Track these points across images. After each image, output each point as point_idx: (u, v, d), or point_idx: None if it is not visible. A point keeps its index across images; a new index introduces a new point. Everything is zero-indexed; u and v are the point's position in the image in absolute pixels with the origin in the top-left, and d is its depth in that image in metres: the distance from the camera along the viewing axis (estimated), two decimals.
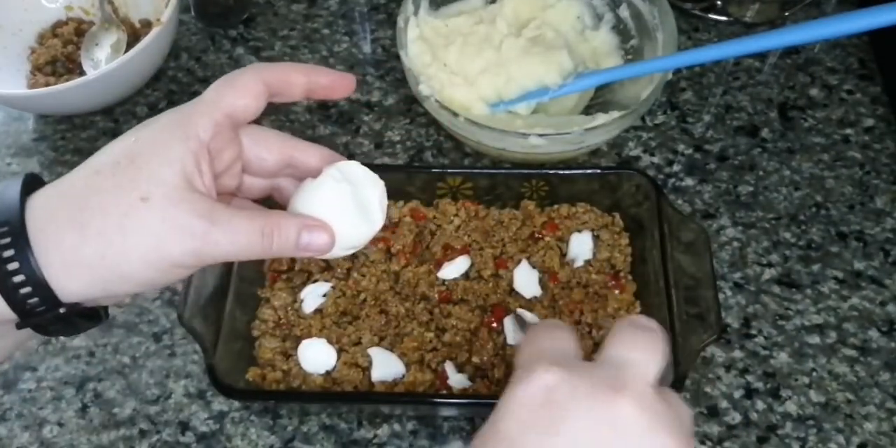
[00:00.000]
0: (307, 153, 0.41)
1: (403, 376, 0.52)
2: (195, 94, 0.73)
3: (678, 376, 0.47)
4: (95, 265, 0.34)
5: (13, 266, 0.33)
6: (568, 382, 0.33)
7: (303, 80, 0.39)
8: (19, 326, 0.35)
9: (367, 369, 0.52)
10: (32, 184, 0.36)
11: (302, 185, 0.40)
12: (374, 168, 0.41)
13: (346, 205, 0.39)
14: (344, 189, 0.39)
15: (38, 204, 0.35)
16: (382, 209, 0.40)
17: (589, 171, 0.58)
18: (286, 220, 0.37)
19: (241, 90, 0.37)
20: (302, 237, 0.37)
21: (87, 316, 0.37)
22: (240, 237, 0.35)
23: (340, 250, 0.40)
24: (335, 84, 0.40)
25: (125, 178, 0.34)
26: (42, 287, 0.34)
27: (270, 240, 0.36)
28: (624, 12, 0.69)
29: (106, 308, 0.39)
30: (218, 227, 0.35)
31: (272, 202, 0.43)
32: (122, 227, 0.34)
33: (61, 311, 0.35)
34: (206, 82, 0.74)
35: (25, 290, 0.33)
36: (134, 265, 0.34)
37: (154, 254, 0.34)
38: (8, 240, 0.33)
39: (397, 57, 0.65)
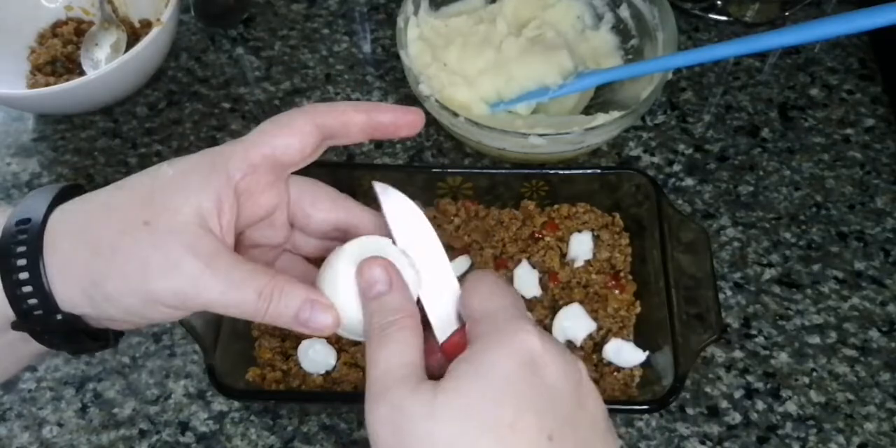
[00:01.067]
0: (361, 219, 0.38)
1: None
2: (195, 94, 0.73)
3: (678, 376, 0.47)
4: (82, 277, 0.33)
5: (23, 275, 0.33)
6: (543, 344, 0.32)
7: (362, 120, 0.35)
8: (14, 326, 0.34)
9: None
10: (70, 191, 0.36)
11: (332, 255, 0.36)
12: (374, 168, 0.40)
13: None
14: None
15: (60, 216, 0.34)
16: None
17: (589, 171, 0.58)
18: (292, 287, 0.33)
19: (287, 130, 0.34)
20: (303, 311, 0.34)
21: (94, 335, 0.36)
22: (233, 291, 0.32)
23: (348, 334, 0.36)
24: (399, 121, 0.36)
25: (139, 199, 0.33)
26: (42, 291, 0.33)
27: (266, 303, 0.33)
28: (624, 12, 0.69)
29: (116, 332, 0.37)
30: (212, 273, 0.32)
31: None
32: (114, 244, 0.32)
33: (58, 317, 0.34)
34: (205, 82, 0.74)
35: (27, 289, 0.33)
36: (116, 286, 0.32)
37: (136, 280, 0.32)
38: (24, 248, 0.33)
39: (397, 57, 0.65)
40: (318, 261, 0.37)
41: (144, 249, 0.32)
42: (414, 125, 0.36)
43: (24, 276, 0.33)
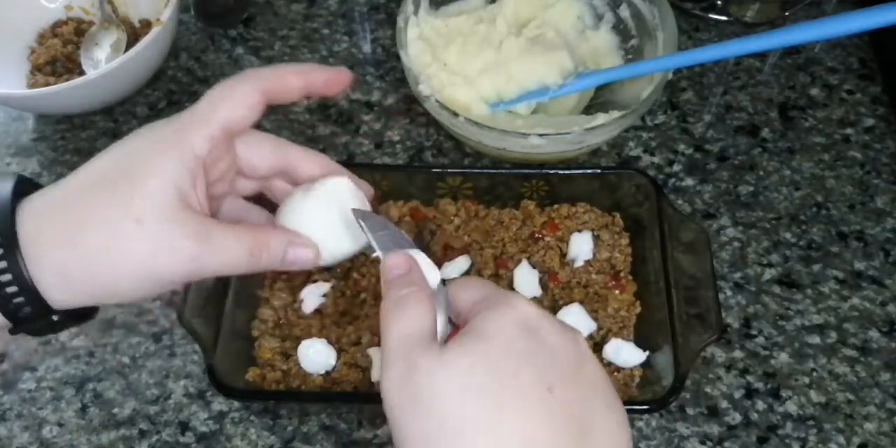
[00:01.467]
0: (304, 161, 0.41)
1: None
2: (195, 93, 0.73)
3: (678, 376, 0.47)
4: (85, 280, 0.34)
5: (5, 277, 0.33)
6: (539, 311, 0.35)
7: (299, 82, 0.39)
8: (13, 332, 0.35)
9: (367, 369, 0.52)
10: (24, 186, 0.36)
11: (290, 196, 0.41)
12: (374, 168, 0.41)
13: (331, 222, 0.40)
14: (329, 206, 0.40)
15: (30, 213, 0.34)
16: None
17: (589, 171, 0.58)
18: (274, 239, 0.38)
19: (237, 101, 0.37)
20: (288, 254, 0.39)
21: (78, 315, 0.37)
22: (230, 258, 0.36)
23: (327, 260, 0.41)
24: (331, 80, 0.40)
25: (119, 195, 0.34)
26: (34, 296, 0.34)
27: (259, 258, 0.37)
28: (624, 12, 0.69)
29: (96, 307, 0.39)
30: (208, 248, 0.35)
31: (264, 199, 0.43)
32: (113, 248, 0.34)
33: (54, 318, 0.35)
34: (205, 82, 0.74)
35: (18, 300, 0.33)
36: (122, 283, 0.35)
37: (143, 274, 0.35)
38: (0, 251, 0.33)
39: (397, 57, 0.65)
40: (251, 198, 0.43)
41: (145, 248, 0.34)
42: (344, 82, 0.40)
43: (12, 289, 0.33)
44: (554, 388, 0.32)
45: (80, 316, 0.37)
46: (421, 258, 0.39)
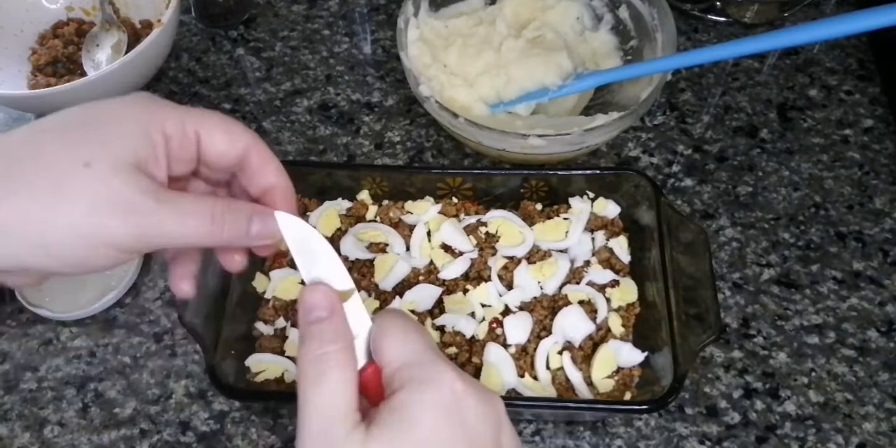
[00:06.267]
0: (264, 168, 0.37)
1: None
2: (195, 94, 0.74)
3: (677, 376, 0.47)
4: (15, 230, 0.30)
5: None
6: (464, 386, 0.34)
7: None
8: None
9: None
10: None
11: None
12: (374, 168, 0.40)
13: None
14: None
15: None
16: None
17: (588, 171, 0.58)
18: (237, 202, 0.35)
19: (226, 137, 0.35)
20: (253, 225, 0.35)
21: None
22: (188, 219, 0.32)
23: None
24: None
25: (72, 137, 0.31)
26: None
27: (221, 224, 0.33)
28: (623, 13, 0.69)
29: (9, 291, 0.36)
30: (164, 206, 0.31)
31: None
32: (55, 189, 0.30)
33: None
34: (206, 83, 0.74)
35: None
36: (60, 234, 0.30)
37: (86, 225, 0.30)
38: None
39: (397, 58, 0.65)
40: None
41: (92, 192, 0.30)
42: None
43: None
44: None
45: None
46: (351, 297, 0.36)
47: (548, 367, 0.52)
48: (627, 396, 0.51)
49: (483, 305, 0.55)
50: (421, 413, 0.32)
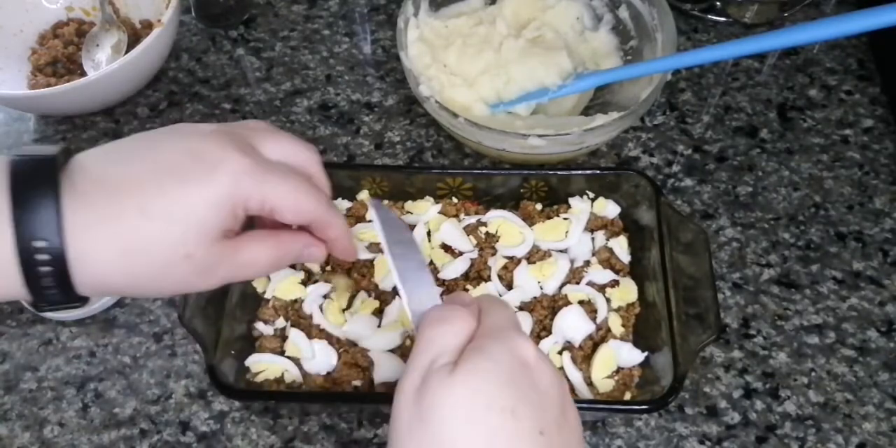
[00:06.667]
0: (326, 230, 0.42)
1: None
2: (196, 94, 0.74)
3: (677, 376, 0.47)
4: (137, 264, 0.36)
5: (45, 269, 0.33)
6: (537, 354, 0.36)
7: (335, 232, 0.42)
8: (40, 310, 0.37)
9: (367, 369, 0.53)
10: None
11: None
12: (374, 168, 0.41)
13: None
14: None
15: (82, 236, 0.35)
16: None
17: (588, 171, 0.58)
18: (294, 245, 0.41)
19: (296, 206, 0.39)
20: (303, 253, 0.42)
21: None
22: (258, 270, 0.40)
23: None
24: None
25: (167, 186, 0.35)
26: (63, 272, 0.34)
27: (281, 264, 0.41)
28: (623, 13, 0.69)
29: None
30: (241, 271, 0.39)
31: None
32: (158, 276, 0.36)
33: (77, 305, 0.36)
34: (206, 83, 0.74)
35: (46, 269, 0.34)
36: (154, 288, 0.37)
37: (179, 289, 0.38)
38: (47, 258, 0.33)
39: (397, 58, 0.65)
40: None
41: (186, 270, 0.36)
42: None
43: (46, 269, 0.34)
44: (544, 432, 0.34)
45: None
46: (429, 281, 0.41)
47: None
48: (627, 396, 0.51)
49: None
50: (500, 355, 0.34)
